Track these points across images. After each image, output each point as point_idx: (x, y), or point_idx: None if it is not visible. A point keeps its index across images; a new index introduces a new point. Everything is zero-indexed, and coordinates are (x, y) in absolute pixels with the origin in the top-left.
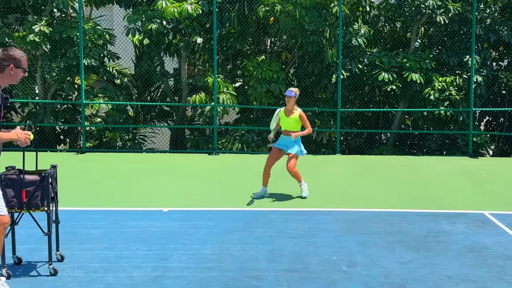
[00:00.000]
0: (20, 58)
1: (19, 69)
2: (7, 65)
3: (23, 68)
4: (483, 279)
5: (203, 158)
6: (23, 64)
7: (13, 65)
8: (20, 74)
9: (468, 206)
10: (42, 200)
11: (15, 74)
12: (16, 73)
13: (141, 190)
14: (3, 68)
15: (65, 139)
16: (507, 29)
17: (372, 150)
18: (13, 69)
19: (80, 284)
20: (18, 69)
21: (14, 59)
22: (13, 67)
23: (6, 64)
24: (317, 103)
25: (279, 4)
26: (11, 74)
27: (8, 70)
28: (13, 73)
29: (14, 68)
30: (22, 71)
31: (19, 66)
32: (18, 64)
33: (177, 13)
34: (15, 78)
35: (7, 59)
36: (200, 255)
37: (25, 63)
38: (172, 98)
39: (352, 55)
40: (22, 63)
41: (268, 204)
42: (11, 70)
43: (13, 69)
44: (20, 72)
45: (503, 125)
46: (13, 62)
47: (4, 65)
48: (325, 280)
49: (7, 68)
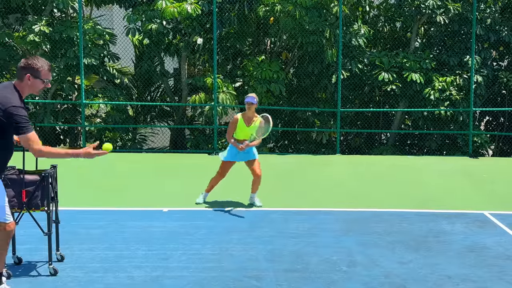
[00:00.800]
0: (39, 68)
1: (37, 80)
2: (25, 74)
3: (41, 79)
4: (483, 279)
5: (203, 158)
6: (43, 75)
7: (31, 74)
8: (39, 85)
9: (468, 206)
10: (42, 200)
11: (33, 84)
12: (34, 84)
13: (141, 190)
14: (22, 77)
15: (65, 139)
16: (507, 29)
17: (372, 150)
18: (31, 79)
19: (80, 284)
20: (36, 80)
21: (32, 68)
22: (30, 77)
23: (24, 73)
24: (317, 103)
25: (279, 4)
26: (28, 84)
27: (26, 80)
28: (30, 83)
29: (32, 78)
30: (41, 82)
31: (37, 77)
32: (36, 74)
33: (177, 13)
34: (34, 88)
35: (26, 67)
36: (200, 255)
37: (45, 74)
38: (172, 98)
39: (352, 55)
40: (42, 74)
41: (268, 204)
42: (28, 79)
43: (31, 79)
44: (39, 83)
45: (503, 125)
46: (31, 72)
47: (23, 74)
48: (325, 280)
49: (25, 77)
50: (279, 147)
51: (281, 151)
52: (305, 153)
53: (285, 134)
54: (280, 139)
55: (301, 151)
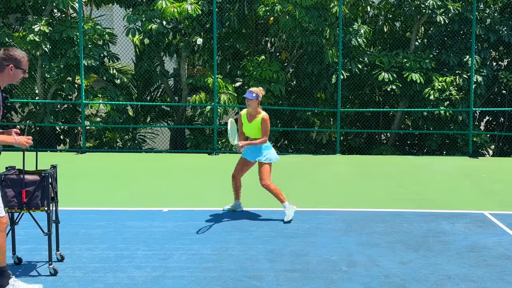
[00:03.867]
0: (21, 59)
1: (18, 70)
2: (6, 65)
3: (22, 69)
4: (483, 279)
5: (203, 158)
6: (23, 65)
7: (13, 65)
8: (20, 75)
9: (468, 206)
10: (42, 200)
11: (15, 74)
12: (16, 73)
13: (141, 190)
14: (2, 67)
15: (65, 139)
16: (507, 29)
17: (372, 150)
18: (13, 69)
19: (80, 284)
20: (18, 70)
21: (14, 59)
22: (13, 67)
23: (6, 64)
24: (317, 103)
25: (279, 4)
26: (10, 74)
27: (8, 70)
28: (12, 73)
29: (14, 68)
30: (22, 71)
31: (18, 67)
32: (18, 65)
33: (177, 13)
34: (14, 78)
35: (7, 58)
36: (200, 255)
37: (25, 64)
38: (172, 98)
39: (352, 55)
40: (22, 64)
41: (268, 204)
42: (10, 70)
43: (13, 69)
44: (20, 73)
45: (503, 125)
46: (13, 62)
47: (4, 65)
48: (325, 280)
49: (6, 68)
50: (279, 147)
51: (281, 151)
52: (305, 153)
53: (285, 134)
54: (280, 139)
55: (301, 151)
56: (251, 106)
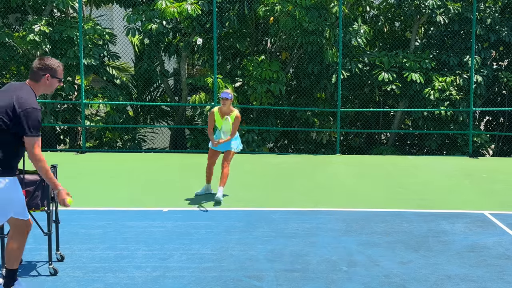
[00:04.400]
0: (56, 68)
1: (54, 79)
2: (43, 75)
3: (58, 78)
4: (483, 279)
5: (203, 158)
6: (59, 74)
7: (50, 75)
8: (55, 84)
9: (468, 206)
10: (42, 200)
11: (51, 84)
12: (52, 83)
13: (141, 190)
14: (39, 77)
15: (65, 139)
16: (507, 29)
17: (372, 150)
18: (49, 78)
19: (80, 284)
20: (54, 79)
21: (50, 68)
22: (49, 77)
23: (42, 74)
24: (317, 103)
25: (279, 4)
26: (46, 83)
27: (44, 80)
28: (48, 82)
29: (50, 78)
30: (58, 80)
31: (55, 76)
32: (54, 74)
33: (177, 13)
34: (50, 87)
35: (44, 68)
36: (200, 255)
37: (61, 73)
38: (172, 98)
39: (352, 55)
40: (58, 73)
41: (269, 204)
42: (46, 79)
43: (49, 79)
44: (55, 82)
45: (503, 125)
46: (50, 72)
47: (40, 75)
48: (325, 280)
49: (43, 77)
50: (279, 147)
51: (281, 151)
52: (305, 153)
53: (285, 134)
54: (280, 139)
55: (301, 151)
56: (226, 105)
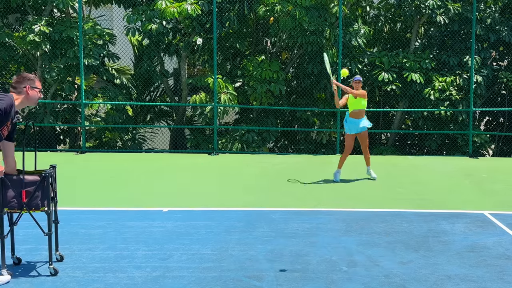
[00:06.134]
0: (33, 79)
1: (34, 90)
2: (23, 87)
3: (38, 88)
4: (483, 279)
5: (203, 158)
6: (37, 84)
7: (29, 85)
8: (36, 95)
9: (468, 206)
10: (42, 200)
11: (32, 95)
12: (33, 94)
13: (141, 190)
14: (20, 90)
15: (65, 139)
16: (507, 29)
17: (372, 150)
18: (29, 90)
19: (80, 284)
20: (33, 90)
21: (28, 79)
22: (29, 88)
23: (23, 86)
24: (317, 103)
25: (279, 4)
26: (28, 95)
27: (26, 91)
28: (30, 93)
29: (30, 89)
30: (38, 91)
31: (33, 86)
32: (32, 84)
33: (177, 13)
34: (32, 99)
35: (22, 81)
36: (200, 255)
37: (39, 84)
38: (172, 98)
39: (352, 55)
40: (36, 83)
41: (269, 204)
42: (27, 91)
43: (29, 90)
44: (36, 93)
45: (503, 125)
46: (28, 83)
47: (21, 88)
48: (325, 280)
49: (24, 89)
50: (279, 147)
51: (281, 151)
52: (305, 153)
53: (285, 134)
54: (280, 139)
55: (301, 151)
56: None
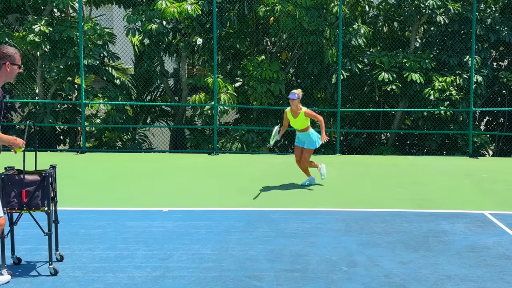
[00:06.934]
0: (14, 55)
1: (14, 66)
2: (3, 64)
3: (18, 64)
4: (483, 279)
5: (203, 158)
6: (17, 60)
7: (9, 62)
8: (15, 71)
9: (468, 206)
10: (42, 200)
11: (11, 71)
12: (12, 70)
13: (141, 190)
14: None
15: (65, 139)
16: (507, 29)
17: (372, 150)
18: (9, 66)
19: (80, 284)
20: (13, 66)
21: (8, 56)
22: (9, 64)
23: (2, 63)
24: (317, 103)
25: (279, 4)
26: (7, 71)
27: (5, 68)
28: (9, 70)
29: (10, 65)
30: (18, 67)
31: (14, 63)
32: (13, 61)
33: (177, 13)
34: (11, 75)
35: (2, 57)
36: (200, 255)
37: (19, 59)
38: (172, 98)
39: (352, 55)
40: (16, 59)
41: (269, 204)
42: (7, 67)
43: (9, 66)
44: (16, 69)
45: (503, 125)
46: (8, 60)
47: (0, 64)
48: (325, 280)
49: (3, 66)
50: (279, 147)
51: (281, 151)
52: None
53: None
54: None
55: None
56: (294, 104)
